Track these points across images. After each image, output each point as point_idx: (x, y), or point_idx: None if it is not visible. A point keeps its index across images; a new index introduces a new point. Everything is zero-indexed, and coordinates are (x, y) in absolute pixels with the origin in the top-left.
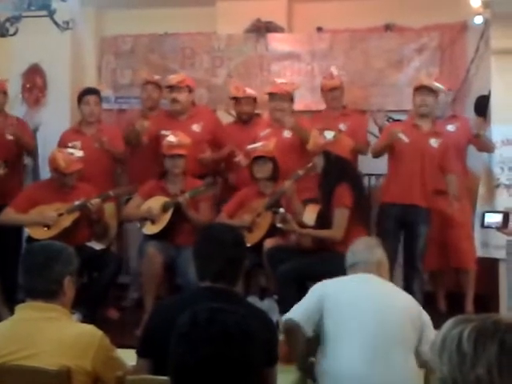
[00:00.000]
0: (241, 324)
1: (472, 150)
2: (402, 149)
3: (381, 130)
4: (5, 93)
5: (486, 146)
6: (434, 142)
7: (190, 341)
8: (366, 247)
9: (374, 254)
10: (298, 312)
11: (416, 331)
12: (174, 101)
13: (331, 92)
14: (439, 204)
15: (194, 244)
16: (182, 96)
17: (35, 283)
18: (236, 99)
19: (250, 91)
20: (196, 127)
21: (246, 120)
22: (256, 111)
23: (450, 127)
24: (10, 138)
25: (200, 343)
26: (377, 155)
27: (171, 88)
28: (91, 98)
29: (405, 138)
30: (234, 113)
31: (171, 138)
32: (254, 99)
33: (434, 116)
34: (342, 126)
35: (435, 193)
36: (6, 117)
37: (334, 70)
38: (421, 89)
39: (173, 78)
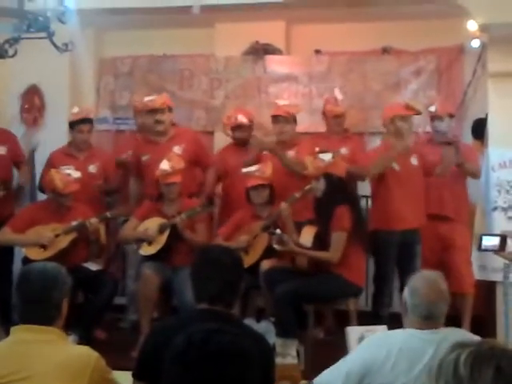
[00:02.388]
0: (236, 344)
1: None
2: (393, 176)
3: None
4: None
5: (471, 174)
6: (414, 161)
7: (186, 361)
8: (440, 296)
9: (446, 306)
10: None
11: None
12: (158, 122)
13: (335, 118)
14: (439, 228)
15: (191, 266)
16: (165, 116)
17: (34, 312)
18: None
19: (241, 119)
20: (177, 149)
21: (243, 144)
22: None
23: None
24: (3, 152)
25: (195, 363)
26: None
27: (154, 110)
28: (85, 128)
29: (396, 166)
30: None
31: (165, 166)
32: (249, 125)
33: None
34: (343, 150)
35: (434, 217)
36: None
37: (338, 94)
38: (406, 116)
39: (155, 101)
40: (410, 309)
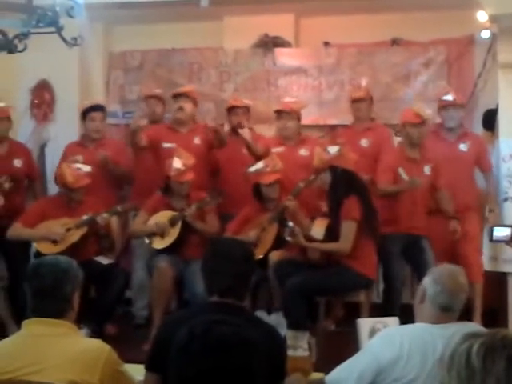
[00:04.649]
0: (239, 334)
1: None
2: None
3: None
4: (9, 119)
5: None
6: (427, 170)
7: (189, 353)
8: (461, 289)
9: (464, 300)
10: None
11: None
12: (180, 108)
13: (355, 103)
14: (449, 219)
15: (202, 258)
16: (188, 105)
17: (45, 305)
18: (232, 110)
19: (246, 101)
20: (197, 140)
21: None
22: (253, 125)
23: (463, 146)
24: (19, 165)
25: (198, 355)
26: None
27: (178, 96)
28: (97, 115)
29: (405, 176)
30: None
31: (177, 164)
32: (248, 110)
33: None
34: (364, 142)
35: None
36: (11, 143)
37: (363, 82)
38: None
39: (183, 88)
40: (429, 298)
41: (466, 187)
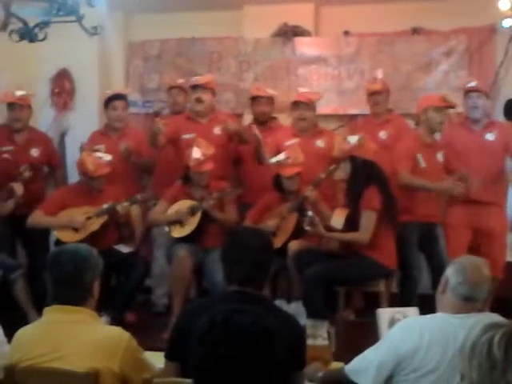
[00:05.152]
0: (258, 323)
1: None
2: (419, 173)
3: None
4: (29, 107)
5: None
6: (440, 157)
7: (209, 342)
8: (483, 280)
9: (486, 291)
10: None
11: None
12: (199, 100)
13: (372, 96)
14: (476, 214)
15: (221, 247)
16: (207, 96)
17: (66, 293)
18: (255, 99)
19: (270, 91)
20: (217, 130)
21: (263, 121)
22: (274, 114)
23: (490, 135)
24: (36, 155)
25: (218, 344)
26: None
27: (196, 87)
28: (119, 104)
29: (422, 163)
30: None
31: (196, 154)
32: (273, 100)
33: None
34: (382, 134)
35: (472, 202)
36: (30, 131)
37: (379, 74)
38: (440, 107)
39: (200, 79)
40: (451, 287)
41: (494, 177)
